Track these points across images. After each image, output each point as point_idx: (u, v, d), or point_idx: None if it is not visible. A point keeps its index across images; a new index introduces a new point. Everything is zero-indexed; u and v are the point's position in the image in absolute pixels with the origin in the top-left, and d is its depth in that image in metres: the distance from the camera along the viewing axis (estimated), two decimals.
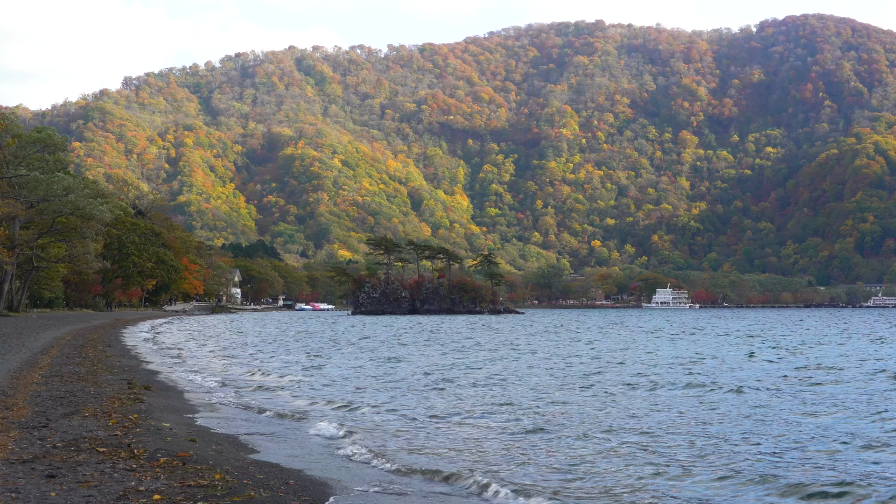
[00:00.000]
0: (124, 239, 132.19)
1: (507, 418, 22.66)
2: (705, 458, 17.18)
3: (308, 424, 21.38)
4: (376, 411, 24.14)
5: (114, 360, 36.49)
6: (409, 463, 16.57)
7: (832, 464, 16.62)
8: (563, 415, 23.29)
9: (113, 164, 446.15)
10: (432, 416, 23.07)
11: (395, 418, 22.86)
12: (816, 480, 15.08)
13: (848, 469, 16.10)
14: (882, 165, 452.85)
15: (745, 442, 18.97)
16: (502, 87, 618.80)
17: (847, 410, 24.06)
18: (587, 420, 22.31)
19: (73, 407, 20.08)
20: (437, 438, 19.68)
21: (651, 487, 14.78)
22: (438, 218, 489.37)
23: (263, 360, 45.50)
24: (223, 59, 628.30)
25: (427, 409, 24.46)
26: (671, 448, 18.23)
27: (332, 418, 22.43)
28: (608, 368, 39.03)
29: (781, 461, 16.86)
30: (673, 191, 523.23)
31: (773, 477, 15.36)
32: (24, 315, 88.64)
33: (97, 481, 12.62)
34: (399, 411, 24.12)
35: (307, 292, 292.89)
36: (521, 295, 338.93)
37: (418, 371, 37.64)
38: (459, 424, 21.74)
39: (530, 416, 23.05)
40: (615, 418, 22.59)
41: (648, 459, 16.98)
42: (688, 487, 14.86)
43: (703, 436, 19.75)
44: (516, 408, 24.65)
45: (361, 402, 26.21)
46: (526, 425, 21.29)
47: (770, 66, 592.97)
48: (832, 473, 15.72)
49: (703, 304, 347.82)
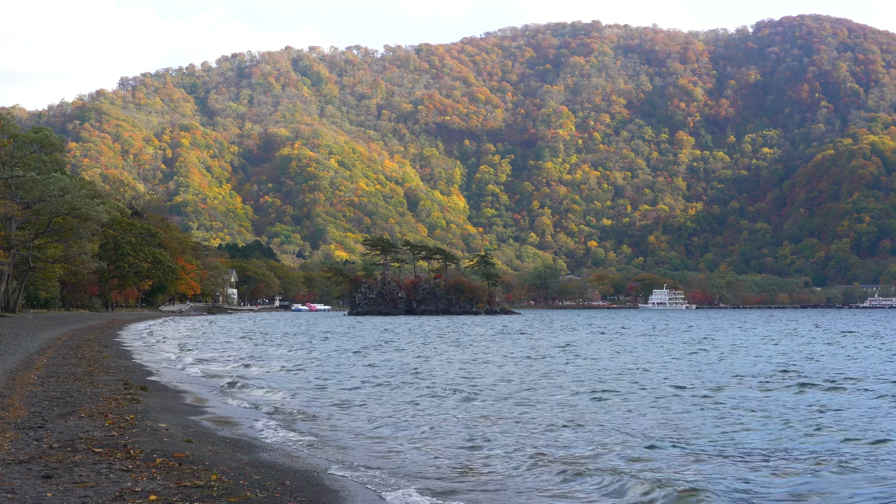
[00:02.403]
0: (120, 239, 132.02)
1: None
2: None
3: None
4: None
5: (110, 361, 36.46)
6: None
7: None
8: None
9: (109, 164, 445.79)
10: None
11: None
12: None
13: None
14: (878, 166, 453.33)
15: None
16: (499, 87, 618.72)
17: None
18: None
19: (70, 407, 20.07)
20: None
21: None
22: (435, 218, 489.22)
23: (263, 361, 45.50)
24: (219, 60, 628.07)
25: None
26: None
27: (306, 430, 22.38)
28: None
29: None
30: (669, 191, 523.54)
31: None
32: (20, 315, 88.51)
33: (93, 482, 12.62)
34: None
35: (304, 293, 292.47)
36: (517, 295, 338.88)
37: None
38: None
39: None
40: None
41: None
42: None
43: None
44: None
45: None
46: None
47: (766, 67, 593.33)
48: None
49: (700, 305, 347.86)
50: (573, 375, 36.12)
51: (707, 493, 14.31)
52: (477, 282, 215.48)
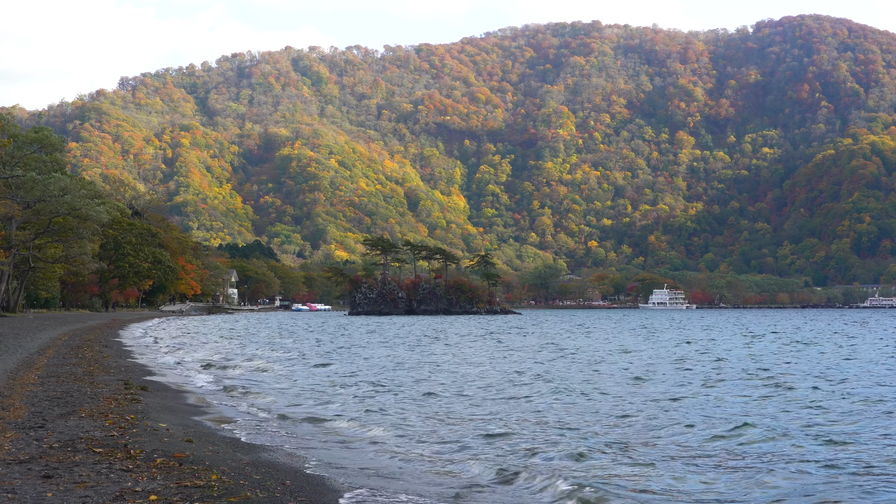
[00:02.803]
0: (121, 239, 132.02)
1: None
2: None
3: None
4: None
5: (110, 361, 36.46)
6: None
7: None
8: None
9: (109, 164, 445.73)
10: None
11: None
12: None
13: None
14: (878, 166, 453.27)
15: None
16: (499, 87, 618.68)
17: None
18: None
19: (70, 407, 20.08)
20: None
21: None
22: (435, 218, 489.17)
23: (263, 361, 45.53)
24: (219, 60, 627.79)
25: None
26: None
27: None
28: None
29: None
30: (669, 191, 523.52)
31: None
32: (20, 315, 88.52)
33: (94, 482, 12.62)
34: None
35: (304, 293, 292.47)
36: (517, 295, 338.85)
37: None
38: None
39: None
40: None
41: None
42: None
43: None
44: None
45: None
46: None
47: (766, 67, 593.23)
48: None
49: (700, 305, 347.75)
50: (487, 377, 36.07)
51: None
52: (477, 282, 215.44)
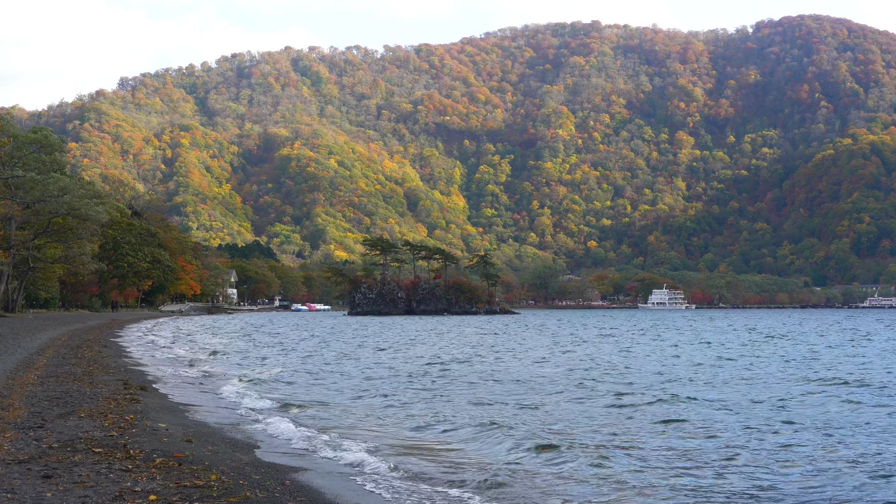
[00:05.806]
0: (120, 240, 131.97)
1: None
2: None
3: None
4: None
5: (110, 361, 36.45)
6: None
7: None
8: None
9: (109, 164, 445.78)
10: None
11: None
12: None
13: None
14: (878, 166, 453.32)
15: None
16: (498, 87, 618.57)
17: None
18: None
19: (69, 407, 20.07)
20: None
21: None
22: (435, 218, 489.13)
23: (263, 361, 45.54)
24: (219, 60, 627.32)
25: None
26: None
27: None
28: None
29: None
30: (669, 191, 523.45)
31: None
32: (20, 316, 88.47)
33: (93, 482, 12.62)
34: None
35: (303, 293, 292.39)
36: (517, 295, 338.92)
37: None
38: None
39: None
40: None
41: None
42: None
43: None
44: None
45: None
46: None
47: (766, 67, 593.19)
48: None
49: (700, 305, 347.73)
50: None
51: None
52: (477, 282, 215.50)
